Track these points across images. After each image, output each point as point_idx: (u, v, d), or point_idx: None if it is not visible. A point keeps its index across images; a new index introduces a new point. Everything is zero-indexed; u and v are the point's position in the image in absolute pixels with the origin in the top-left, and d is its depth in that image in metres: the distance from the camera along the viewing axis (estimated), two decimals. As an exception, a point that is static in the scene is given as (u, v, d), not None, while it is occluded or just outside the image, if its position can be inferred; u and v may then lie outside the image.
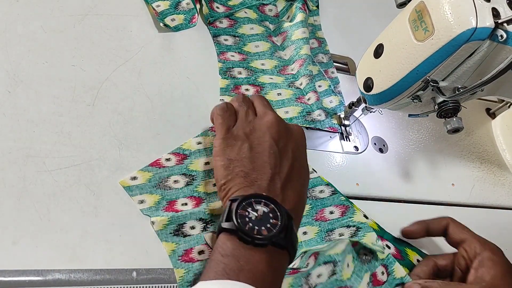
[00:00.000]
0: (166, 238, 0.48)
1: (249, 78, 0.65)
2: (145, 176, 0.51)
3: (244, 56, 0.67)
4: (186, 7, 0.66)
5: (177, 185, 0.52)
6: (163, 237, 0.48)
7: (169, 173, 0.52)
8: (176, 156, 0.54)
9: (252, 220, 0.40)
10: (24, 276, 0.42)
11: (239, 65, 0.66)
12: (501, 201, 0.73)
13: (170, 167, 0.53)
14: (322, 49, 0.75)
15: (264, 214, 0.41)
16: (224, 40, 0.67)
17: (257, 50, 0.69)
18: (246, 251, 0.39)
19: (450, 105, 0.53)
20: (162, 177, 0.52)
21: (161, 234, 0.49)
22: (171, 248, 0.48)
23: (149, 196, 0.50)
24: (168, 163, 0.53)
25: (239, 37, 0.69)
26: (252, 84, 0.65)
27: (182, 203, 0.51)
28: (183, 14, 0.65)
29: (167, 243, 0.48)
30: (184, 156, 0.54)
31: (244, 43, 0.69)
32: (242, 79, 0.65)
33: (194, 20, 0.66)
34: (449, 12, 0.47)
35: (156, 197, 0.51)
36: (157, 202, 0.50)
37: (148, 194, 0.51)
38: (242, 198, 0.42)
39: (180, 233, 0.49)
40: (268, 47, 0.70)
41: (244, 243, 0.40)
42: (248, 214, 0.41)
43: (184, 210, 0.51)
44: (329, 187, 0.59)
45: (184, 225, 0.50)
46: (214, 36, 0.67)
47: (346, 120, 0.67)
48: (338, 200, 0.58)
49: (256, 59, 0.68)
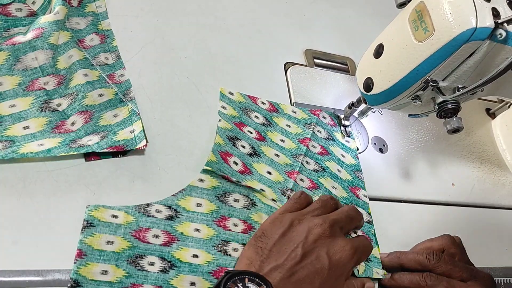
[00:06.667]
0: (117, 263, 0.45)
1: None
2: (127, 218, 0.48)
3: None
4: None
5: (159, 215, 0.50)
6: (114, 260, 0.45)
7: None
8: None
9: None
10: (24, 276, 0.42)
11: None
12: (501, 201, 0.73)
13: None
14: (107, 45, 0.59)
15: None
16: None
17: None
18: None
19: (450, 105, 0.53)
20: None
21: (113, 255, 0.45)
22: (120, 274, 0.45)
23: (125, 215, 0.48)
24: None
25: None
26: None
27: (154, 235, 0.48)
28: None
29: (117, 268, 0.45)
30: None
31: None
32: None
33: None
34: (449, 12, 0.47)
35: (130, 218, 0.48)
36: (130, 222, 0.48)
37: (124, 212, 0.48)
38: (237, 272, 0.43)
39: (136, 264, 0.46)
40: (5, 57, 0.51)
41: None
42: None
43: (151, 243, 0.48)
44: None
45: (143, 258, 0.47)
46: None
47: (346, 120, 0.67)
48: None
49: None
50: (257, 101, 0.64)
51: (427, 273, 0.52)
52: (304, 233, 0.47)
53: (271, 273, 0.44)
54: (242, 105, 0.62)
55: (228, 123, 0.59)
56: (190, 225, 0.50)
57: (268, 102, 0.64)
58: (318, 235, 0.47)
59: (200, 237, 0.50)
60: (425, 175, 0.70)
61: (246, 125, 0.60)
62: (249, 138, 0.59)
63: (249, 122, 0.61)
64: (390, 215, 0.62)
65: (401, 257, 0.54)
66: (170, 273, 0.47)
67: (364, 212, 0.60)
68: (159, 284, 0.46)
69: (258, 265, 0.45)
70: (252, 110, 0.62)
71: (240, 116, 0.61)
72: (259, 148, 0.59)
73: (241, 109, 0.62)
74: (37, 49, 0.52)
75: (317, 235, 0.47)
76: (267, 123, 0.62)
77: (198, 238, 0.50)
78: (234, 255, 0.50)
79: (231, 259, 0.50)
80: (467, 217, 0.62)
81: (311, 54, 0.74)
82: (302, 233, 0.47)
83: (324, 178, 0.60)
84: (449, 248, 0.56)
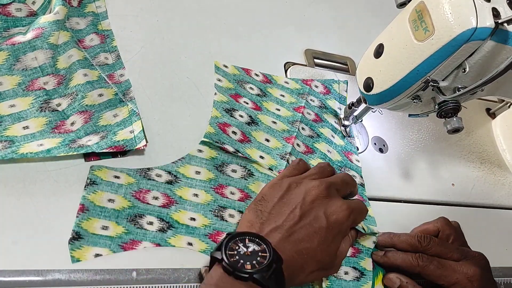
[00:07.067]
0: (117, 220, 0.47)
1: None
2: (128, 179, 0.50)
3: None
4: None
5: (159, 179, 0.52)
6: (114, 218, 0.47)
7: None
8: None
9: (240, 254, 0.42)
10: (24, 276, 0.42)
11: None
12: (501, 201, 0.73)
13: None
14: (107, 45, 0.59)
15: (253, 251, 0.42)
16: None
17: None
18: (228, 282, 0.41)
19: (450, 105, 0.53)
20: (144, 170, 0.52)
21: (114, 212, 0.48)
22: (120, 230, 0.47)
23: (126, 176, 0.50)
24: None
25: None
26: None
27: (154, 196, 0.50)
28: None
29: (117, 224, 0.47)
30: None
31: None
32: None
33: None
34: (449, 12, 0.47)
35: (131, 179, 0.50)
36: (131, 183, 0.50)
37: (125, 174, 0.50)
38: (238, 233, 0.44)
39: (135, 222, 0.48)
40: (5, 57, 0.51)
41: (227, 274, 0.41)
42: (238, 248, 0.42)
43: (151, 204, 0.50)
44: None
45: (142, 217, 0.49)
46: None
47: (346, 120, 0.67)
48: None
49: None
50: (251, 73, 0.66)
51: (419, 254, 0.54)
52: (302, 194, 0.48)
53: (271, 233, 0.46)
54: (237, 77, 0.65)
55: (224, 95, 0.61)
56: (189, 190, 0.52)
57: (261, 74, 0.67)
58: (315, 196, 0.48)
59: (198, 202, 0.52)
60: (425, 175, 0.70)
61: (242, 96, 0.63)
62: (245, 108, 0.61)
63: (244, 93, 0.63)
64: (390, 215, 0.62)
65: (393, 238, 0.56)
66: (168, 232, 0.49)
67: (357, 175, 0.63)
68: (157, 241, 0.48)
69: (258, 227, 0.47)
70: (246, 82, 0.65)
71: (235, 88, 0.63)
72: (256, 117, 0.61)
73: (236, 81, 0.64)
74: (37, 49, 0.52)
75: (314, 196, 0.48)
76: (261, 94, 0.65)
77: (196, 202, 0.52)
78: (230, 220, 0.52)
79: (227, 224, 0.52)
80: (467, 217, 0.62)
81: (311, 54, 0.74)
82: (299, 195, 0.48)
83: (319, 143, 0.63)
84: (444, 229, 0.57)
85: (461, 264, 0.53)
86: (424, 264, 0.53)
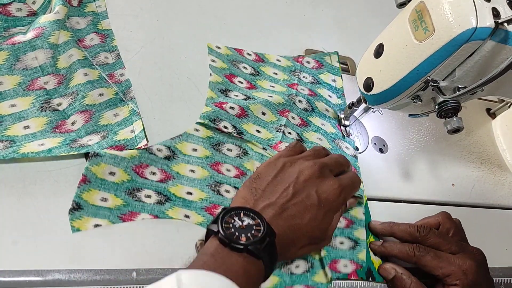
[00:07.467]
0: (116, 193, 0.48)
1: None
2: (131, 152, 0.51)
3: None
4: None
5: (159, 153, 0.52)
6: (113, 190, 0.48)
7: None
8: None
9: (235, 227, 0.43)
10: (24, 276, 0.42)
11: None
12: (501, 201, 0.73)
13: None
14: (107, 45, 0.59)
15: (248, 225, 0.44)
16: None
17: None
18: (224, 253, 0.42)
19: (450, 105, 0.53)
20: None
21: (113, 185, 0.48)
22: (118, 202, 0.48)
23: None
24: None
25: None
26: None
27: (151, 172, 0.51)
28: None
29: (115, 197, 0.48)
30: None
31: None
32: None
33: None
34: (449, 12, 0.47)
35: (134, 152, 0.51)
36: (134, 156, 0.50)
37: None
38: (233, 208, 0.45)
39: (133, 195, 0.49)
40: (5, 57, 0.51)
41: (223, 245, 0.42)
42: (233, 221, 0.44)
43: (148, 179, 0.51)
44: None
45: (140, 190, 0.50)
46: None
47: (346, 120, 0.67)
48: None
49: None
50: (243, 52, 0.68)
51: (416, 244, 0.55)
52: (296, 174, 0.50)
53: (264, 209, 0.47)
54: (230, 57, 0.66)
55: (219, 76, 0.63)
56: (185, 166, 0.54)
57: (253, 53, 0.68)
58: (308, 176, 0.50)
59: (195, 177, 0.53)
60: (425, 175, 0.70)
61: (236, 76, 0.64)
62: (240, 88, 0.63)
63: (238, 73, 0.65)
64: (390, 215, 0.62)
65: (393, 227, 0.57)
66: (166, 205, 0.50)
67: (351, 146, 0.65)
68: (155, 213, 0.49)
69: (252, 203, 0.48)
70: (240, 61, 0.66)
71: (229, 68, 0.65)
72: (252, 95, 0.63)
73: (229, 61, 0.65)
74: (37, 48, 0.52)
75: (307, 175, 0.50)
76: (255, 72, 0.66)
77: (193, 178, 0.53)
78: (226, 195, 0.54)
79: (223, 198, 0.54)
80: (467, 217, 0.61)
81: (311, 54, 0.74)
82: (293, 174, 0.50)
83: (313, 117, 0.65)
84: (445, 223, 0.58)
85: (457, 257, 0.54)
86: (421, 254, 0.54)
